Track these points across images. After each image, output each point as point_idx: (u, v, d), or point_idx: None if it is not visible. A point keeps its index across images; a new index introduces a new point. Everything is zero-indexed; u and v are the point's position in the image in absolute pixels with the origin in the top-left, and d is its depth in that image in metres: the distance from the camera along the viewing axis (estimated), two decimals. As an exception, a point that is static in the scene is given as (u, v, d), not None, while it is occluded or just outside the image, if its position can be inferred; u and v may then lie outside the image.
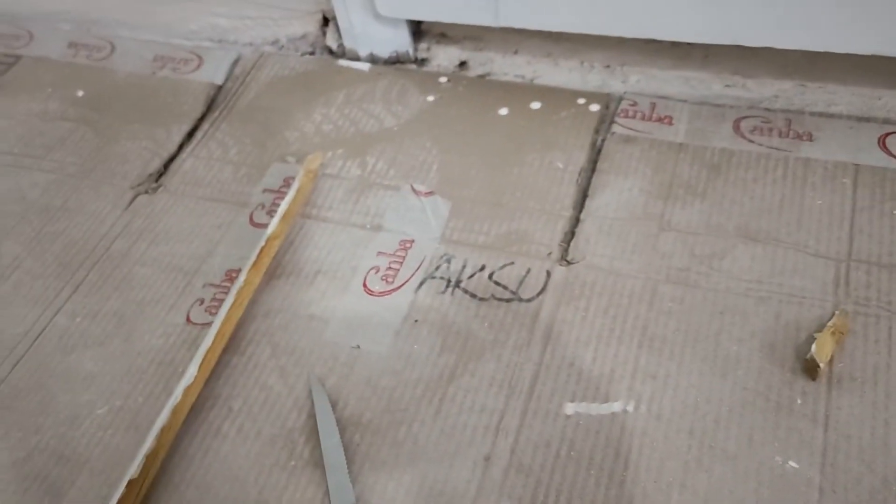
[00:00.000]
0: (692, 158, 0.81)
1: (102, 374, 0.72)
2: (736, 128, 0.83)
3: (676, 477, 0.60)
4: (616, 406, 0.65)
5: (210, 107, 0.97)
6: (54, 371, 0.72)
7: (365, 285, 0.76)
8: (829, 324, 0.66)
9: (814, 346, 0.64)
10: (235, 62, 1.02)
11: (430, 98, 0.93)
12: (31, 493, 0.65)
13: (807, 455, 0.60)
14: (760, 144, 0.81)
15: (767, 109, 0.84)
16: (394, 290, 0.75)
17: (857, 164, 0.78)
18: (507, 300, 0.73)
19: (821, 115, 0.83)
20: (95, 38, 1.09)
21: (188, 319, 0.75)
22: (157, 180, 0.89)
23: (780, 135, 0.81)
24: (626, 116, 0.86)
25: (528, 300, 0.73)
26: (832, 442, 0.61)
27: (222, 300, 0.75)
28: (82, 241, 0.83)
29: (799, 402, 0.63)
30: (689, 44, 0.85)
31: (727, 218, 0.75)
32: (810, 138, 0.81)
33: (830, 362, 0.64)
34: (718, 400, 0.64)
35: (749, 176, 0.78)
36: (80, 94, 1.01)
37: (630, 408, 0.65)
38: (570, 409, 0.65)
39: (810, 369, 0.64)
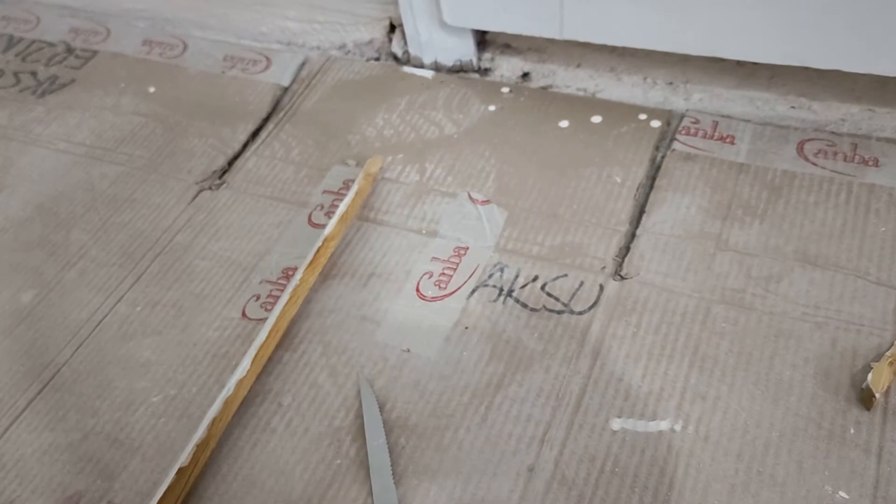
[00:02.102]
0: (753, 179, 0.80)
1: (159, 363, 0.74)
2: (799, 150, 0.82)
3: (722, 500, 0.60)
4: (663, 424, 0.64)
5: (275, 108, 0.99)
6: (113, 357, 0.75)
7: (418, 290, 0.76)
8: (888, 353, 0.64)
9: (870, 376, 0.62)
10: (302, 65, 1.04)
11: (492, 108, 0.93)
12: (84, 475, 0.67)
13: (857, 486, 0.59)
14: (824, 168, 0.80)
15: (833, 133, 0.83)
16: (446, 295, 0.76)
17: (924, 193, 0.76)
18: (559, 312, 0.73)
19: (888, 140, 0.81)
20: (169, 36, 1.12)
21: (244, 314, 0.76)
22: (220, 177, 0.91)
23: (844, 159, 0.80)
24: (688, 134, 0.85)
25: (580, 313, 0.72)
26: (885, 474, 0.59)
27: (278, 297, 0.77)
28: (146, 233, 0.85)
29: (852, 431, 0.62)
30: (754, 63, 0.84)
31: (786, 241, 0.74)
32: (876, 164, 0.79)
33: (887, 393, 0.63)
34: (769, 425, 0.63)
35: (811, 199, 0.77)
36: (152, 90, 1.04)
37: (678, 427, 0.64)
38: (616, 424, 0.65)
39: (865, 399, 0.63)
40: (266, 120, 0.97)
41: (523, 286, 0.75)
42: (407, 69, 1.01)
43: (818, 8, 0.74)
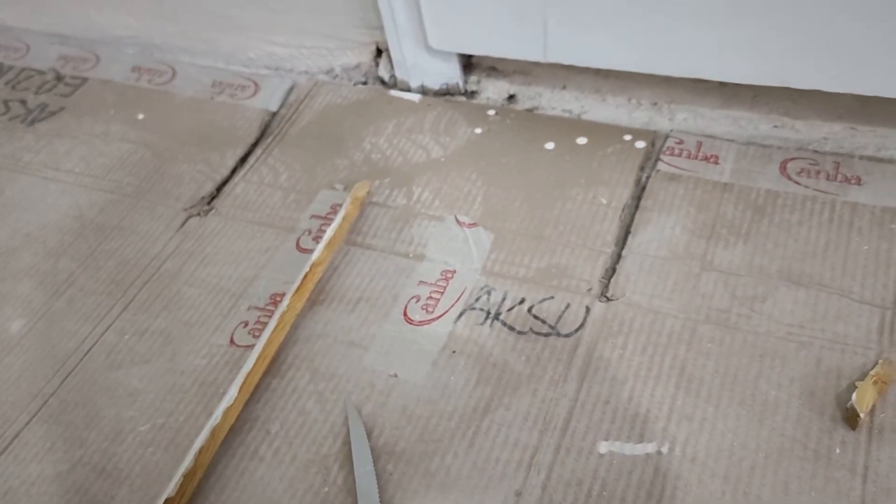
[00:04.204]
0: (737, 199, 0.80)
1: (147, 392, 0.74)
2: (782, 169, 0.82)
3: (709, 522, 0.60)
4: (650, 447, 0.65)
5: (264, 133, 0.99)
6: (101, 386, 0.75)
7: (405, 314, 0.77)
8: (872, 372, 0.65)
9: (854, 395, 0.63)
10: (290, 90, 1.05)
11: (478, 130, 0.94)
12: (73, 505, 0.67)
13: (844, 506, 0.59)
14: (807, 187, 0.80)
15: (816, 152, 0.84)
16: (433, 319, 0.76)
17: (906, 210, 0.77)
18: (546, 334, 0.73)
19: (870, 158, 0.82)
20: (158, 62, 1.13)
21: (232, 341, 0.77)
22: (209, 203, 0.91)
23: (827, 178, 0.81)
24: (672, 154, 0.86)
25: (567, 335, 0.73)
26: (871, 494, 0.60)
27: (266, 323, 0.77)
28: (135, 260, 0.86)
29: (838, 451, 0.62)
30: (737, 84, 0.85)
31: (770, 260, 0.75)
32: (859, 182, 0.80)
33: (871, 412, 0.63)
34: (755, 446, 0.63)
35: (794, 218, 0.78)
36: (141, 116, 1.04)
37: (665, 449, 0.64)
38: (603, 447, 0.65)
39: (850, 418, 0.63)
40: (254, 145, 0.98)
41: (510, 309, 0.75)
42: (394, 93, 1.01)
43: (798, 29, 0.75)
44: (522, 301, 0.76)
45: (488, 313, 0.75)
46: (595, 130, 0.91)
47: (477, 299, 0.77)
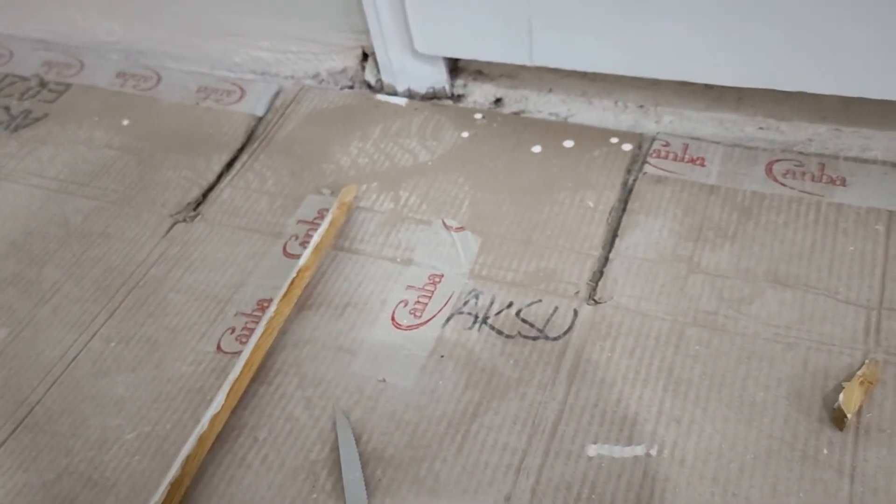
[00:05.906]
0: (723, 201, 0.81)
1: (133, 400, 0.73)
2: (768, 171, 0.83)
3: (698, 524, 0.60)
4: (639, 449, 0.65)
5: (250, 138, 0.99)
6: (87, 395, 0.74)
7: (393, 319, 0.76)
8: (859, 373, 0.65)
9: (841, 396, 0.63)
10: (276, 94, 1.05)
11: (465, 134, 0.94)
12: (59, 515, 0.67)
13: (832, 507, 0.60)
14: (793, 188, 0.80)
15: (801, 153, 0.84)
16: (421, 324, 0.76)
17: (890, 211, 0.77)
18: (534, 338, 0.73)
19: (855, 159, 0.82)
20: (143, 68, 1.12)
21: (219, 348, 0.76)
22: (195, 209, 0.91)
23: (812, 179, 0.81)
24: (659, 157, 0.86)
25: (555, 339, 0.73)
26: (858, 494, 0.60)
27: (253, 329, 0.76)
28: (120, 267, 0.85)
29: (825, 452, 0.62)
30: (722, 86, 0.85)
31: (757, 262, 0.75)
32: (844, 183, 0.80)
33: (858, 412, 0.63)
34: (743, 447, 0.63)
35: (780, 220, 0.78)
36: (126, 122, 1.04)
37: (653, 452, 0.64)
38: (592, 450, 0.65)
39: (838, 419, 0.63)
40: (240, 150, 0.97)
41: (498, 313, 0.75)
42: (381, 97, 1.01)
43: (783, 31, 0.75)
44: (510, 305, 0.76)
45: (476, 317, 0.75)
46: (582, 133, 0.91)
47: (465, 303, 0.77)
